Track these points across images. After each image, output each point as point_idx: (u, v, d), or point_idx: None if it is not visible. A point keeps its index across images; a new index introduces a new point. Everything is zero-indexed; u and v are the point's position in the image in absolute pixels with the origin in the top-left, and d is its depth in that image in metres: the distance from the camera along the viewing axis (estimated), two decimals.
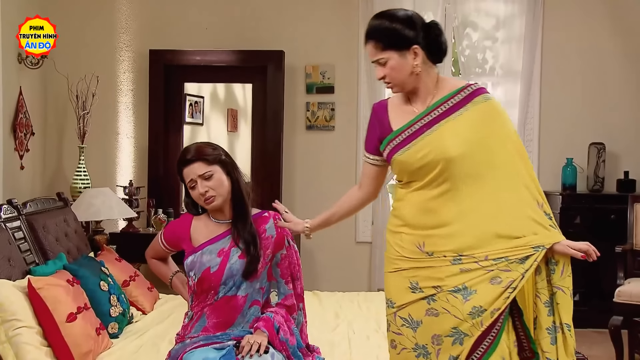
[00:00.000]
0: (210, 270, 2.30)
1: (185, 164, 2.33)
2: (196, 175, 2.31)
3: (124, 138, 4.98)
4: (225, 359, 2.11)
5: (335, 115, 5.07)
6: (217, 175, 2.33)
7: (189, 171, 2.32)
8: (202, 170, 2.32)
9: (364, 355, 2.67)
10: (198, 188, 2.31)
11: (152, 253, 2.57)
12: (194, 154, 2.33)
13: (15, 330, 2.43)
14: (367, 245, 5.10)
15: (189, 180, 2.33)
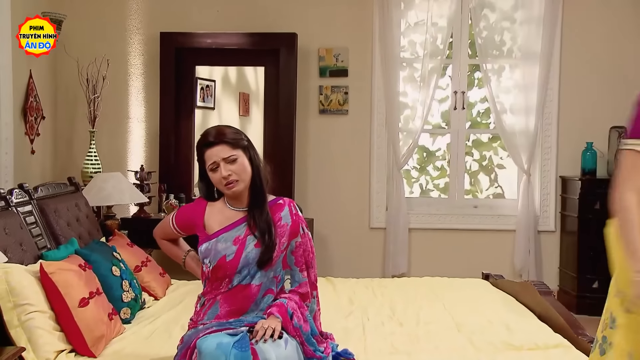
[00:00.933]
0: (226, 258, 2.30)
1: (209, 146, 2.30)
2: (220, 158, 2.29)
3: (134, 122, 4.99)
4: (239, 344, 2.11)
5: (348, 99, 5.04)
6: (241, 160, 2.32)
7: (212, 153, 2.30)
8: (227, 153, 2.30)
9: (379, 342, 2.67)
10: (221, 171, 2.29)
11: (161, 234, 2.56)
12: (218, 136, 2.31)
13: (27, 315, 2.45)
14: (381, 231, 5.09)
15: (211, 162, 2.30)
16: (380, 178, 5.09)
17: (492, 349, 2.58)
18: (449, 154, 5.26)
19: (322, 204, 5.06)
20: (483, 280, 3.84)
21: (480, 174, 5.60)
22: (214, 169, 2.31)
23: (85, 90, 4.51)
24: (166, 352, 2.50)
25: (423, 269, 4.90)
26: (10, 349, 2.27)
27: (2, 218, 2.75)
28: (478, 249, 5.06)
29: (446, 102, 5.33)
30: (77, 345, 2.53)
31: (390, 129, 5.01)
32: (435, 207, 5.20)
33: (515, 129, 4.97)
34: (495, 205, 5.23)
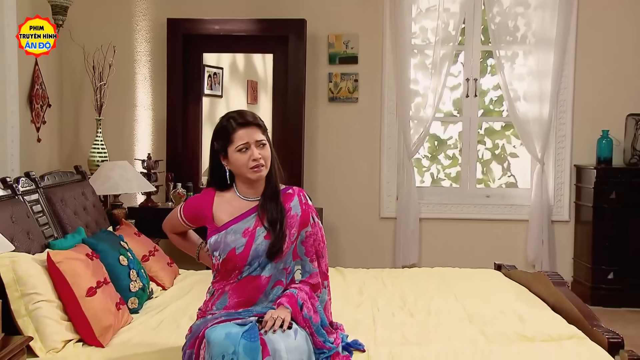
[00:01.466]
0: (236, 251, 2.30)
1: (244, 125, 2.29)
2: (254, 140, 2.29)
3: (141, 110, 4.99)
4: (248, 334, 2.11)
5: (359, 87, 5.02)
6: (268, 146, 2.33)
7: (245, 133, 2.29)
8: (259, 136, 2.31)
9: (389, 332, 2.67)
10: (252, 152, 2.28)
11: (170, 228, 2.57)
12: (253, 118, 2.32)
13: (35, 304, 2.46)
14: (392, 221, 5.09)
15: (243, 142, 2.29)
16: (391, 167, 5.08)
17: (505, 340, 2.58)
18: (461, 142, 5.24)
19: (331, 194, 5.05)
20: (495, 270, 3.83)
21: (492, 162, 5.58)
22: (243, 150, 2.29)
23: (91, 78, 4.52)
24: (174, 342, 2.51)
25: (434, 259, 4.90)
26: (18, 339, 2.29)
27: (9, 206, 2.76)
28: (490, 239, 5.04)
29: (458, 89, 5.31)
30: (85, 335, 2.54)
31: (401, 117, 4.99)
32: (446, 197, 5.18)
33: (528, 116, 4.94)
34: (508, 195, 5.21)
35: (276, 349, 2.10)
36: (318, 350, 2.27)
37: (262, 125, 2.34)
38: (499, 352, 2.43)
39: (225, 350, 2.06)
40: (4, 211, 2.68)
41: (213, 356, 2.08)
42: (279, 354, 2.09)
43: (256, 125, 2.31)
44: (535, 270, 4.73)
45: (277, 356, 2.08)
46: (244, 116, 2.32)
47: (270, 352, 2.09)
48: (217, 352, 2.07)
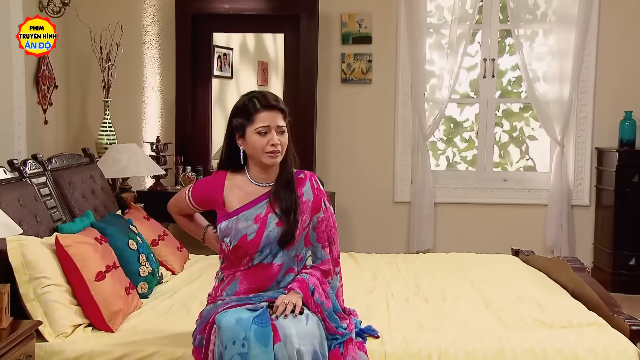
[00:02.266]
0: (247, 237, 2.30)
1: (269, 108, 2.29)
2: (275, 125, 2.29)
3: (150, 92, 5.00)
4: (259, 319, 2.12)
5: (372, 68, 5.00)
6: (286, 134, 2.33)
7: (268, 116, 2.28)
8: (281, 122, 2.31)
9: (403, 318, 2.67)
10: (272, 137, 2.28)
11: (176, 209, 2.56)
12: (278, 102, 2.31)
13: (43, 288, 2.48)
14: (406, 205, 5.08)
15: (264, 125, 2.28)
16: (405, 150, 5.06)
17: (523, 327, 2.57)
18: (478, 124, 5.21)
19: (344, 177, 5.04)
20: (513, 256, 3.82)
21: (510, 145, 5.55)
22: (263, 133, 2.29)
23: (98, 58, 4.52)
24: (184, 327, 2.53)
25: (449, 245, 4.89)
26: (27, 323, 2.31)
27: (17, 189, 2.77)
28: (507, 224, 5.03)
29: (475, 70, 5.27)
30: (94, 320, 2.56)
31: (416, 99, 4.96)
32: (462, 181, 5.16)
33: (548, 98, 4.89)
34: (526, 179, 5.18)
35: (287, 334, 2.10)
36: (331, 336, 2.28)
37: (285, 110, 2.32)
38: (517, 339, 2.43)
39: (236, 336, 2.07)
40: (11, 194, 2.70)
41: (224, 341, 2.09)
42: (290, 340, 2.10)
43: (280, 110, 2.30)
44: (554, 255, 4.72)
45: (289, 341, 2.09)
46: (268, 99, 2.30)
47: (282, 337, 2.09)
48: (227, 337, 2.08)
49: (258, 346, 2.05)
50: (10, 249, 2.47)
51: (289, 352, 2.08)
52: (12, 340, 2.15)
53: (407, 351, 2.37)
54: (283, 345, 2.08)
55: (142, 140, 4.85)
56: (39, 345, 2.38)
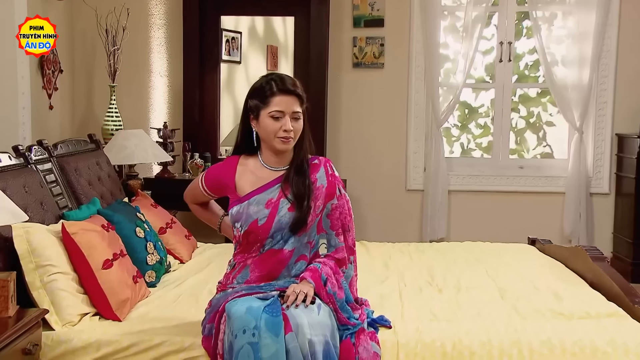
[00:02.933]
0: (258, 222, 2.30)
1: (286, 93, 2.27)
2: (290, 111, 2.28)
3: (156, 77, 5.00)
4: (270, 308, 2.12)
5: (385, 52, 4.97)
6: (301, 120, 2.32)
7: (283, 101, 2.27)
8: (297, 108, 2.29)
9: (417, 308, 2.66)
10: (285, 122, 2.27)
11: (192, 198, 2.58)
12: (296, 87, 2.29)
13: (50, 276, 2.49)
14: (419, 193, 5.07)
15: (278, 109, 2.27)
16: (418, 137, 5.05)
17: (539, 317, 2.56)
18: (493, 110, 5.18)
19: (355, 164, 5.04)
20: (529, 245, 3.81)
21: (527, 132, 5.52)
22: (276, 118, 2.28)
23: (104, 42, 4.52)
24: (193, 316, 2.54)
25: (463, 233, 4.87)
26: (33, 311, 2.32)
27: (22, 176, 2.78)
28: (524, 212, 5.01)
29: (491, 53, 5.23)
30: (102, 309, 2.58)
31: (430, 84, 4.93)
32: (477, 168, 5.14)
33: (567, 82, 4.86)
34: (543, 166, 5.15)
35: (299, 324, 2.11)
36: (342, 326, 2.28)
37: (302, 96, 2.31)
38: (533, 330, 2.42)
39: (247, 325, 2.08)
40: (16, 180, 2.70)
41: (234, 330, 2.10)
42: (301, 330, 2.10)
43: (297, 96, 2.29)
44: (572, 245, 4.70)
45: (300, 332, 2.10)
46: (285, 83, 2.29)
47: (293, 327, 2.10)
48: (238, 327, 2.09)
49: (269, 336, 2.06)
50: (15, 236, 2.48)
51: (300, 342, 2.09)
52: (19, 329, 2.17)
53: (420, 342, 2.36)
54: (294, 335, 2.09)
55: (149, 127, 4.86)
56: (46, 334, 2.40)
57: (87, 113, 4.88)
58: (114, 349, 2.39)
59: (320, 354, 2.10)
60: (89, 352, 2.39)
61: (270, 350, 2.05)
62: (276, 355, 2.05)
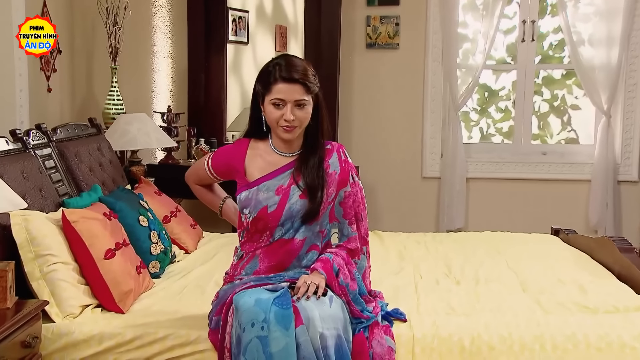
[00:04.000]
0: (268, 209, 2.30)
1: (287, 81, 2.25)
2: (292, 99, 2.25)
3: (160, 58, 4.99)
4: (279, 300, 2.13)
5: (400, 31, 4.94)
6: (308, 107, 2.29)
7: (284, 89, 2.25)
8: (300, 96, 2.26)
9: (433, 301, 2.67)
10: (285, 112, 2.26)
11: (195, 179, 2.58)
12: (301, 75, 2.26)
13: (50, 266, 2.51)
14: (435, 180, 5.06)
15: (278, 97, 2.26)
16: (435, 121, 5.03)
17: (563, 311, 2.56)
18: (515, 93, 5.15)
19: (368, 151, 5.02)
20: (552, 235, 3.80)
21: (550, 116, 5.48)
22: (278, 105, 2.27)
23: (105, 21, 4.51)
24: (199, 308, 2.55)
25: (482, 223, 4.86)
26: (33, 302, 2.33)
27: (20, 161, 2.80)
28: (547, 201, 4.99)
29: (513, 33, 5.19)
30: (104, 300, 2.60)
31: (447, 65, 4.91)
32: (497, 154, 5.12)
33: (594, 63, 4.81)
34: (568, 152, 5.13)
35: (310, 316, 2.11)
36: (355, 319, 2.29)
37: (307, 83, 2.27)
38: (557, 324, 2.42)
39: (255, 318, 2.09)
40: (14, 166, 2.72)
41: (242, 323, 2.11)
42: (312, 323, 2.11)
43: (299, 84, 2.25)
44: (598, 235, 4.68)
45: (311, 325, 2.11)
46: (290, 70, 2.26)
47: (304, 320, 2.11)
48: (246, 319, 2.10)
49: (278, 329, 2.07)
50: (14, 224, 2.50)
51: (311, 336, 2.10)
52: (18, 321, 2.18)
53: (437, 336, 2.37)
54: (305, 329, 2.10)
55: (152, 110, 4.86)
56: (46, 326, 2.42)
57: (87, 96, 4.89)
58: (117, 342, 2.41)
59: (332, 348, 2.11)
60: (91, 345, 2.42)
61: (280, 344, 2.06)
62: (286, 350, 2.06)
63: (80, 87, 4.84)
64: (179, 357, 2.39)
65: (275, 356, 2.06)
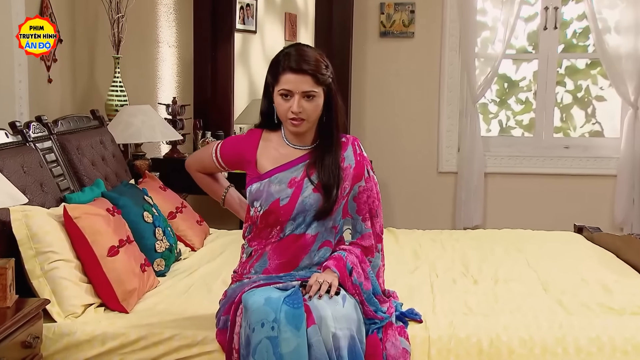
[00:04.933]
0: (280, 202, 2.31)
1: (294, 71, 2.25)
2: (299, 90, 2.25)
3: (165, 47, 5.00)
4: (290, 299, 2.13)
5: (415, 19, 4.94)
6: (318, 100, 2.28)
7: (291, 79, 2.25)
8: (308, 87, 2.26)
9: (450, 301, 2.67)
10: (293, 104, 2.26)
11: (198, 166, 2.59)
12: (308, 65, 2.25)
13: (51, 264, 2.53)
14: (452, 175, 5.06)
15: (285, 88, 2.26)
16: (452, 113, 5.02)
17: (587, 312, 2.55)
18: (536, 84, 5.13)
19: (382, 144, 5.02)
20: (575, 233, 3.79)
21: (573, 107, 5.46)
22: (286, 96, 2.28)
23: (107, 9, 4.52)
24: (206, 308, 2.57)
25: (501, 220, 4.85)
26: (33, 301, 2.35)
27: (20, 154, 2.81)
28: (569, 197, 4.97)
29: (534, 20, 5.17)
30: (107, 299, 2.61)
31: (465, 55, 4.90)
32: (517, 148, 5.11)
33: (620, 52, 4.79)
34: (592, 146, 5.11)
35: (322, 316, 2.12)
36: (369, 320, 2.30)
37: (318, 75, 2.26)
38: (580, 326, 2.42)
39: (265, 317, 2.10)
40: (14, 160, 2.73)
41: (251, 323, 2.11)
42: (325, 322, 2.11)
43: (308, 74, 2.25)
44: (624, 233, 4.66)
45: (324, 325, 2.11)
46: (299, 60, 2.25)
47: (316, 319, 2.11)
48: (255, 319, 2.10)
49: (289, 329, 2.07)
50: (14, 220, 2.51)
51: (323, 336, 2.10)
52: (18, 320, 2.19)
53: (454, 337, 2.37)
54: (317, 329, 2.10)
55: (157, 102, 4.87)
56: (47, 326, 2.43)
57: (89, 87, 4.91)
58: (121, 343, 2.43)
59: (345, 349, 2.11)
60: (93, 345, 2.43)
61: (291, 345, 2.07)
62: (297, 351, 2.06)
63: (81, 77, 4.86)
64: (186, 358, 2.40)
65: (286, 357, 2.06)
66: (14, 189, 2.28)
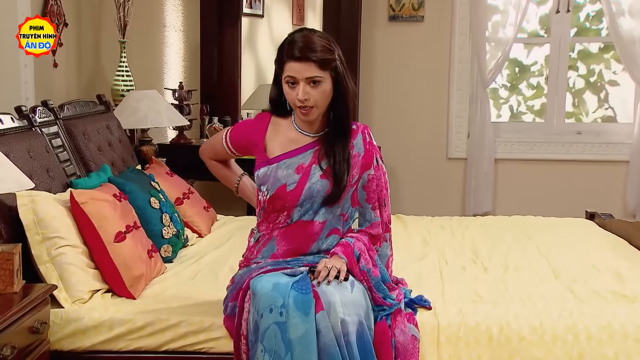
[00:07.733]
0: (287, 188, 2.31)
1: (297, 59, 2.24)
2: (303, 77, 2.24)
3: (171, 32, 5.00)
4: (299, 285, 2.14)
5: (425, 3, 4.94)
6: (325, 85, 2.27)
7: (293, 67, 2.24)
8: (311, 73, 2.24)
9: (459, 288, 2.67)
10: (298, 91, 2.25)
11: (210, 154, 2.60)
12: (308, 52, 2.23)
13: (58, 250, 2.54)
14: (461, 162, 5.06)
15: (290, 75, 2.26)
16: (462, 99, 5.02)
17: (599, 300, 2.55)
18: (548, 68, 5.12)
19: (391, 130, 5.02)
20: (587, 220, 3.78)
21: (586, 92, 5.44)
22: (292, 84, 2.27)
23: None
24: (213, 294, 2.58)
25: (511, 207, 4.85)
26: (40, 287, 2.36)
27: (26, 139, 2.82)
28: (581, 183, 4.97)
29: (546, 3, 5.14)
30: (114, 285, 2.63)
31: (475, 39, 4.89)
32: (528, 134, 5.11)
33: (634, 35, 4.77)
34: (605, 131, 5.10)
35: (331, 301, 2.13)
36: (377, 307, 2.30)
37: (319, 60, 2.24)
38: (591, 314, 2.41)
39: (273, 303, 2.10)
40: (20, 144, 2.74)
41: (259, 309, 2.12)
42: (333, 308, 2.12)
43: (310, 61, 2.23)
44: (637, 219, 4.66)
45: (332, 310, 2.12)
46: (302, 47, 2.24)
47: (324, 305, 2.12)
48: (264, 305, 2.11)
49: (298, 315, 2.08)
50: (20, 205, 2.52)
51: (332, 322, 2.11)
52: (25, 306, 2.20)
53: (463, 324, 2.37)
54: (326, 314, 2.11)
55: (163, 87, 4.88)
56: (54, 311, 2.45)
57: (95, 71, 4.91)
58: (128, 329, 2.44)
59: (353, 335, 2.12)
60: (101, 331, 2.45)
61: (300, 331, 2.07)
62: (306, 336, 2.07)
63: (87, 62, 4.86)
64: (193, 345, 2.42)
65: (295, 343, 2.07)
66: (20, 174, 2.29)
